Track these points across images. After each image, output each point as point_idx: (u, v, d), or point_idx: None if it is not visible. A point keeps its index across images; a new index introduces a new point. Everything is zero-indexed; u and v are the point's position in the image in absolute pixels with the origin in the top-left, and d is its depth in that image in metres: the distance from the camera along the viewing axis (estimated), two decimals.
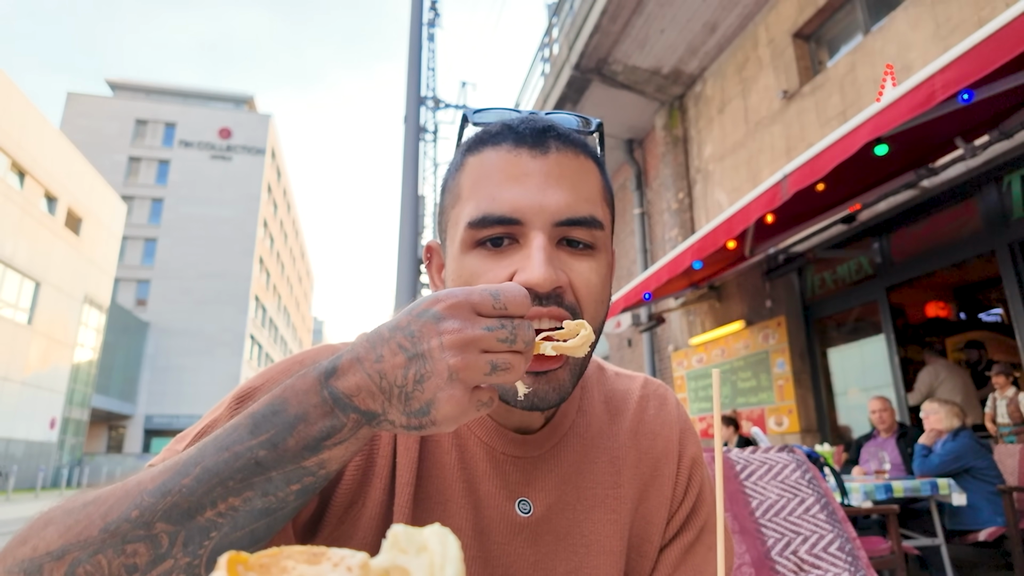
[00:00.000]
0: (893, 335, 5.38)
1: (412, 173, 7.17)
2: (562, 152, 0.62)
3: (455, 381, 0.44)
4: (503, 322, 0.46)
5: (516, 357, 0.46)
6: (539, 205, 0.59)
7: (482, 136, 0.65)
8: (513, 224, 0.59)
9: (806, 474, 1.24)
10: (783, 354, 6.24)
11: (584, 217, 0.60)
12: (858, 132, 3.35)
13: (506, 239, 0.60)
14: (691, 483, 0.75)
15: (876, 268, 5.57)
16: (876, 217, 5.35)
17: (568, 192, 0.60)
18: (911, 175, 4.54)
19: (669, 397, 0.80)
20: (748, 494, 1.21)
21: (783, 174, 3.94)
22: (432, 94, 12.65)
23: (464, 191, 0.63)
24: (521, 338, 0.46)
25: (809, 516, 1.17)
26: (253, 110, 50.94)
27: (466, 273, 0.60)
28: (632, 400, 0.77)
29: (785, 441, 6.16)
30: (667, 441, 0.75)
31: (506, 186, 0.60)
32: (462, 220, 0.61)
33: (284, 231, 54.36)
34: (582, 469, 0.69)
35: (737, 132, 7.00)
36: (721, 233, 4.65)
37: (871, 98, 5.05)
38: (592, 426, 0.73)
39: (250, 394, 0.58)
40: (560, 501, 0.67)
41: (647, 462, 0.73)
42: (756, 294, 6.62)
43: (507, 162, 0.61)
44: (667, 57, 7.48)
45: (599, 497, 0.69)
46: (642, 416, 0.76)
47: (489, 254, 0.60)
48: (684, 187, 7.88)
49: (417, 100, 7.56)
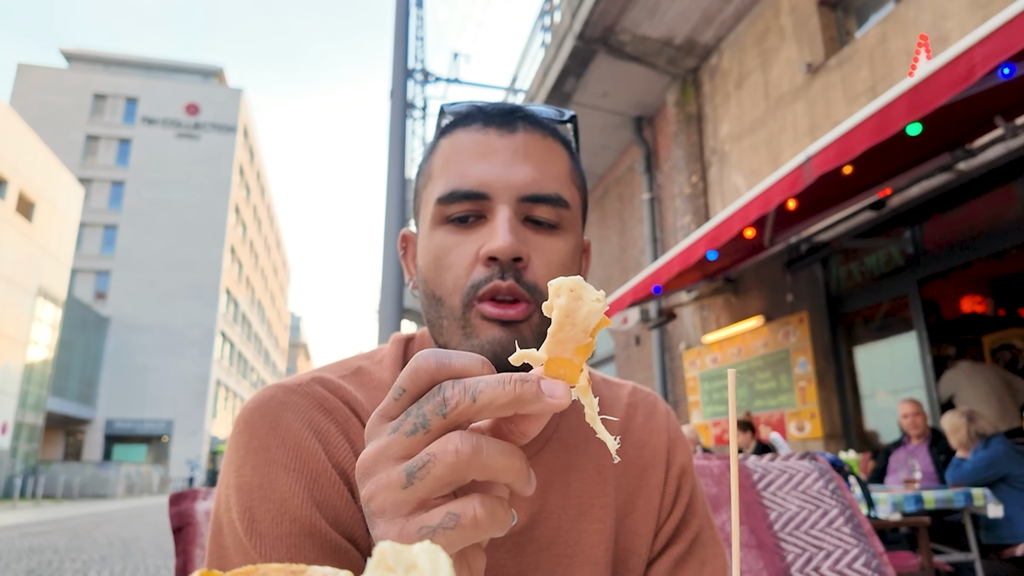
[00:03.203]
0: (925, 332, 5.40)
1: (399, 153, 7.14)
2: (529, 132, 0.69)
3: (383, 521, 0.39)
4: (408, 409, 0.39)
5: (438, 442, 0.37)
6: (505, 180, 0.65)
7: (454, 119, 0.72)
8: (480, 199, 0.65)
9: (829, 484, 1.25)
10: (805, 353, 6.27)
11: (549, 195, 0.67)
12: (889, 110, 3.35)
13: (472, 216, 0.66)
14: (680, 493, 0.77)
15: (907, 259, 5.58)
16: (908, 203, 5.36)
17: (534, 169, 0.67)
18: (946, 157, 4.54)
19: (659, 406, 0.83)
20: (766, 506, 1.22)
21: (806, 156, 3.95)
22: (421, 66, 12.60)
23: (435, 171, 0.70)
24: (434, 410, 0.38)
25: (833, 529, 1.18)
26: (223, 84, 50.68)
27: (434, 248, 0.67)
28: (620, 407, 0.80)
29: (807, 448, 6.20)
30: (655, 450, 0.78)
31: (474, 163, 0.67)
32: (432, 197, 0.68)
33: (258, 217, 54.22)
34: (567, 476, 0.71)
35: (756, 109, 6.99)
36: (738, 220, 4.65)
37: (903, 72, 5.05)
38: (576, 432, 0.75)
39: (252, 513, 0.58)
40: (544, 509, 0.69)
41: (634, 472, 0.76)
42: (776, 287, 6.63)
43: (476, 141, 0.68)
44: (680, 26, 7.45)
45: (585, 506, 0.71)
46: (630, 424, 0.79)
47: (456, 230, 0.66)
48: (698, 170, 7.87)
49: (404, 73, 7.51)
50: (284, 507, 0.57)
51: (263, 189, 56.86)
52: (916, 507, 3.47)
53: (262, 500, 0.58)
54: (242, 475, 0.60)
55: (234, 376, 48.22)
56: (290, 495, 0.58)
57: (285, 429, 0.62)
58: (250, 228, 50.57)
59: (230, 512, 0.59)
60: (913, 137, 4.04)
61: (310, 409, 0.64)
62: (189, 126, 44.17)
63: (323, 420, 0.64)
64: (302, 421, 0.63)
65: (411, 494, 0.37)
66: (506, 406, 0.37)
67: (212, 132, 44.40)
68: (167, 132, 43.67)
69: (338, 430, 0.64)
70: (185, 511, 0.96)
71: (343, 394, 0.67)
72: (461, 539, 0.37)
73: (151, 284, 40.78)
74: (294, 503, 0.58)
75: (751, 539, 1.17)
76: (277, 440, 0.61)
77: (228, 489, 0.60)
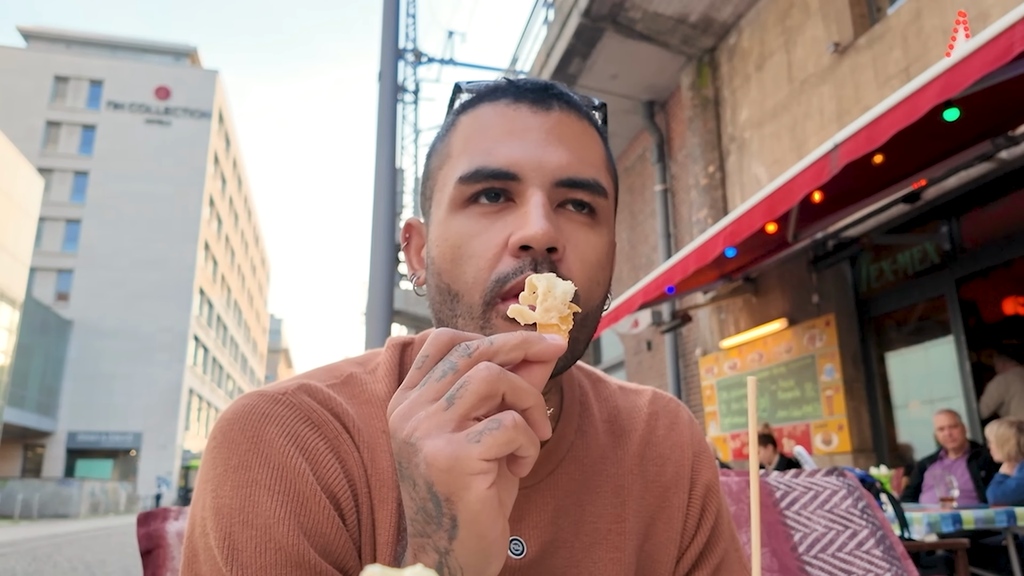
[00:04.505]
0: (964, 336, 5.40)
1: (388, 141, 7.14)
2: (565, 112, 0.67)
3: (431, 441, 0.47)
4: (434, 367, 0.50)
5: (470, 371, 0.48)
6: (539, 161, 0.62)
7: (478, 94, 0.69)
8: (509, 179, 0.62)
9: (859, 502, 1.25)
10: (832, 359, 6.27)
11: (588, 180, 0.64)
12: (924, 93, 3.35)
13: (501, 197, 0.63)
14: (705, 514, 0.77)
15: (944, 256, 5.58)
16: (944, 195, 5.36)
17: (569, 152, 0.64)
18: (986, 145, 4.54)
19: (681, 414, 0.82)
20: (789, 526, 1.22)
21: (833, 143, 3.95)
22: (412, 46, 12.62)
23: (455, 150, 0.67)
24: (459, 354, 0.49)
25: (862, 552, 1.18)
26: (196, 65, 50.70)
27: (453, 236, 0.63)
28: (639, 419, 0.79)
29: (834, 463, 6.20)
30: (678, 466, 0.77)
31: (504, 140, 0.64)
32: (452, 178, 0.65)
33: (234, 211, 54.26)
34: (582, 500, 0.71)
35: (779, 93, 6.99)
36: (759, 214, 4.65)
37: (940, 52, 5.05)
38: (593, 450, 0.74)
39: (234, 545, 0.57)
40: (556, 538, 0.68)
41: (655, 491, 0.75)
42: (800, 287, 6.64)
43: (505, 117, 0.65)
44: (695, 2, 7.45)
45: (601, 532, 0.70)
46: (650, 438, 0.78)
47: (482, 214, 0.63)
48: (715, 159, 7.88)
49: (394, 53, 7.52)
50: (268, 534, 0.56)
51: (240, 180, 56.88)
52: (953, 527, 3.47)
53: (243, 526, 0.57)
54: (220, 496, 0.58)
55: (208, 384, 48.23)
56: (274, 520, 0.57)
57: (268, 445, 0.60)
58: (226, 222, 50.59)
59: (207, 537, 0.58)
60: (950, 123, 4.05)
61: (296, 422, 0.62)
62: (159, 111, 44.16)
63: (310, 435, 0.62)
64: (287, 436, 0.61)
65: (453, 412, 0.46)
66: (517, 347, 0.49)
67: (184, 117, 44.39)
68: (135, 118, 43.66)
69: (327, 447, 0.63)
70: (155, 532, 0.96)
71: (332, 405, 0.66)
72: (506, 439, 0.45)
73: (117, 284, 40.78)
74: (279, 530, 0.57)
75: (773, 563, 1.17)
76: (259, 457, 0.60)
77: (205, 511, 0.59)
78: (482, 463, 0.45)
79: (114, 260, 41.06)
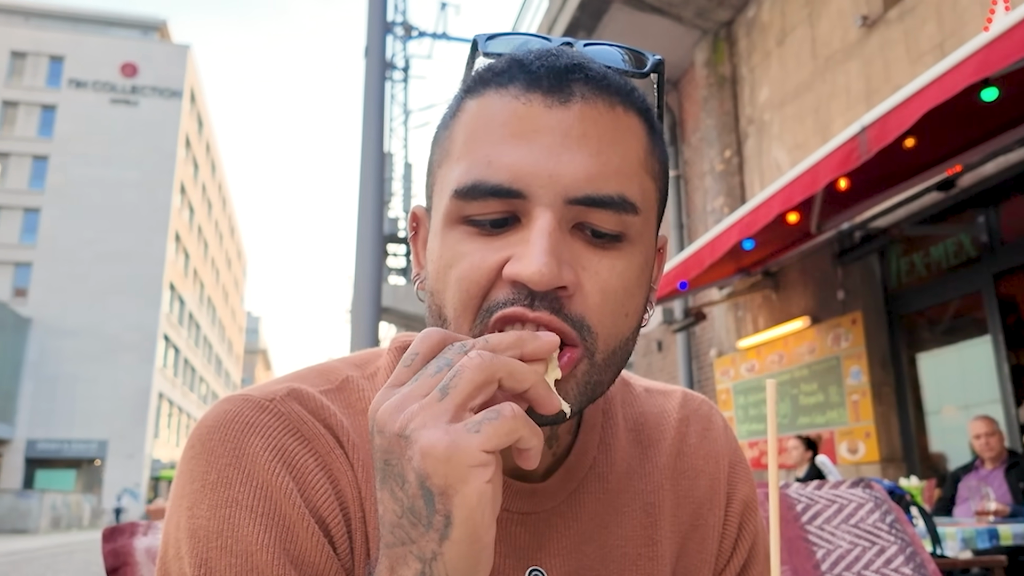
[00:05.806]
0: (1002, 336, 5.41)
1: (376, 123, 7.13)
2: (590, 102, 0.59)
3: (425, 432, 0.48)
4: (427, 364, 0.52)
5: (461, 360, 0.49)
6: (549, 174, 0.56)
7: (486, 74, 0.63)
8: (513, 197, 0.57)
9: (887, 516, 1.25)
10: (859, 361, 6.27)
11: (610, 196, 0.57)
12: (959, 71, 3.34)
13: (503, 219, 0.58)
14: (742, 534, 0.75)
15: (981, 249, 5.58)
16: (981, 183, 5.36)
17: (592, 159, 0.58)
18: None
19: (715, 419, 0.80)
20: (812, 542, 1.22)
21: (861, 126, 3.94)
22: (402, 19, 12.60)
23: (456, 147, 0.62)
24: (455, 351, 0.51)
25: (891, 570, 1.18)
26: (166, 39, 50.57)
27: (446, 253, 0.60)
28: (669, 425, 0.77)
29: (860, 473, 6.21)
30: (713, 479, 0.75)
31: (509, 145, 0.58)
32: (448, 186, 0.60)
33: (208, 199, 54.18)
34: (607, 522, 0.69)
35: (802, 71, 6.98)
36: (779, 203, 4.65)
37: (977, 27, 5.04)
38: (618, 464, 0.72)
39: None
40: (581, 566, 0.67)
41: (687, 508, 0.73)
42: (825, 283, 6.64)
43: (513, 112, 0.59)
44: None
45: (630, 557, 0.68)
46: (681, 447, 0.76)
47: (478, 233, 0.59)
48: (732, 142, 7.87)
49: (382, 27, 7.50)
50: (249, 562, 0.55)
51: (214, 165, 56.81)
52: (990, 543, 3.48)
53: (221, 551, 0.55)
54: (196, 516, 0.57)
55: (180, 388, 48.24)
56: (257, 547, 0.55)
57: (251, 460, 0.58)
58: (199, 212, 50.53)
59: (181, 561, 0.57)
60: (988, 104, 4.04)
61: (284, 435, 0.60)
62: (125, 90, 44.05)
63: (299, 451, 0.60)
64: (273, 451, 0.59)
65: (448, 402, 0.47)
66: (512, 346, 0.51)
67: (153, 97, 44.30)
68: (99, 97, 43.57)
69: (317, 465, 0.61)
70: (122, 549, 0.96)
71: (325, 416, 0.63)
72: (505, 429, 0.47)
73: (80, 279, 40.73)
74: (262, 558, 0.55)
75: None
76: (241, 474, 0.58)
77: (179, 532, 0.57)
78: (482, 454, 0.46)
79: (76, 252, 41.00)
